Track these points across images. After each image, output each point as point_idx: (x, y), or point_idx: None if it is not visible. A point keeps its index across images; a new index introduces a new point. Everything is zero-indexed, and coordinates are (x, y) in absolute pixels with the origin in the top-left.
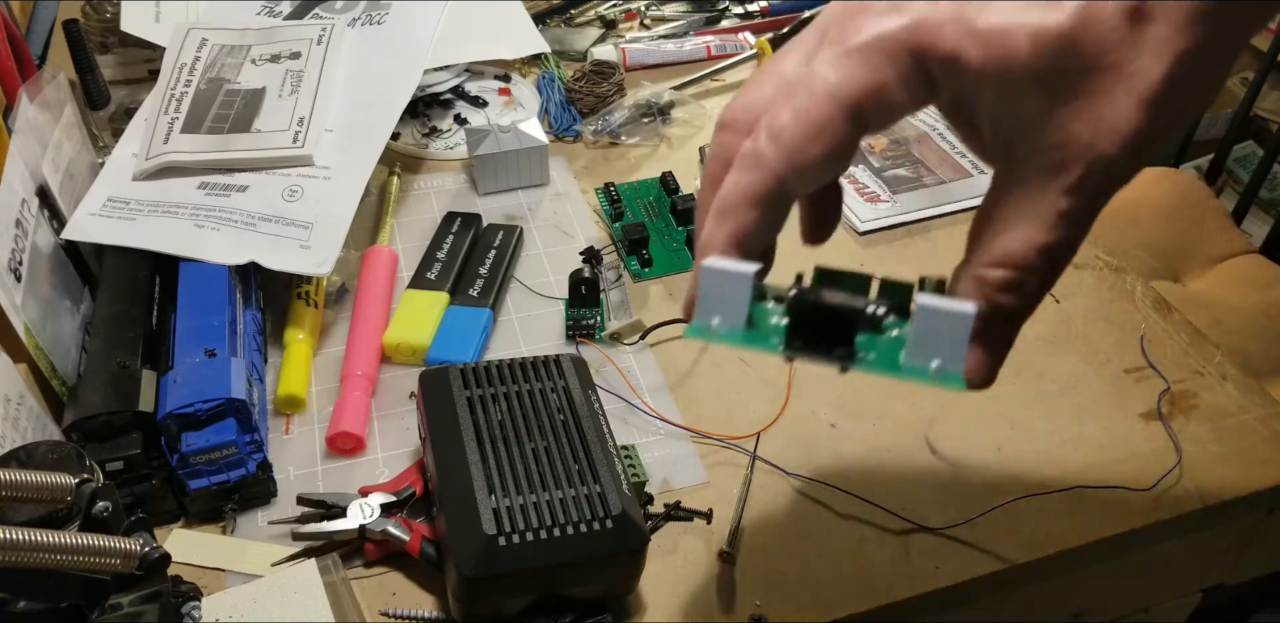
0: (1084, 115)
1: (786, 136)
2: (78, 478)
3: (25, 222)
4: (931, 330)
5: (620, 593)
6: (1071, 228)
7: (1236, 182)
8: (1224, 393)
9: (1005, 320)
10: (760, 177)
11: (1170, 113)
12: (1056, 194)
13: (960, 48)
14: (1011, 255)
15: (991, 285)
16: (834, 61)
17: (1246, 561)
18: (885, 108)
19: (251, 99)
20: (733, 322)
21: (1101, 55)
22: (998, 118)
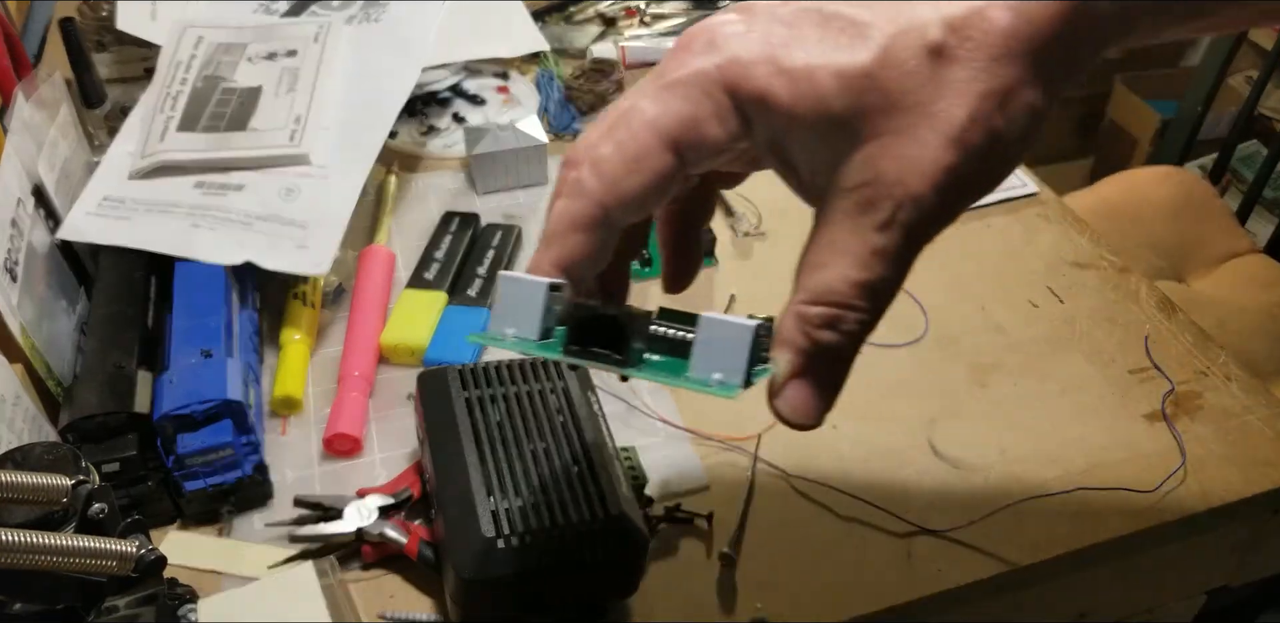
0: (892, 153)
1: (606, 167)
2: (73, 480)
3: (21, 221)
4: (714, 343)
5: (620, 596)
6: (888, 265)
7: (1241, 181)
8: (1229, 394)
9: (829, 359)
10: (582, 204)
11: (980, 153)
12: (870, 231)
13: (769, 87)
14: (829, 292)
15: (811, 322)
16: (653, 95)
17: (1251, 562)
18: (702, 142)
19: (248, 97)
20: (526, 332)
21: (905, 94)
22: (810, 156)
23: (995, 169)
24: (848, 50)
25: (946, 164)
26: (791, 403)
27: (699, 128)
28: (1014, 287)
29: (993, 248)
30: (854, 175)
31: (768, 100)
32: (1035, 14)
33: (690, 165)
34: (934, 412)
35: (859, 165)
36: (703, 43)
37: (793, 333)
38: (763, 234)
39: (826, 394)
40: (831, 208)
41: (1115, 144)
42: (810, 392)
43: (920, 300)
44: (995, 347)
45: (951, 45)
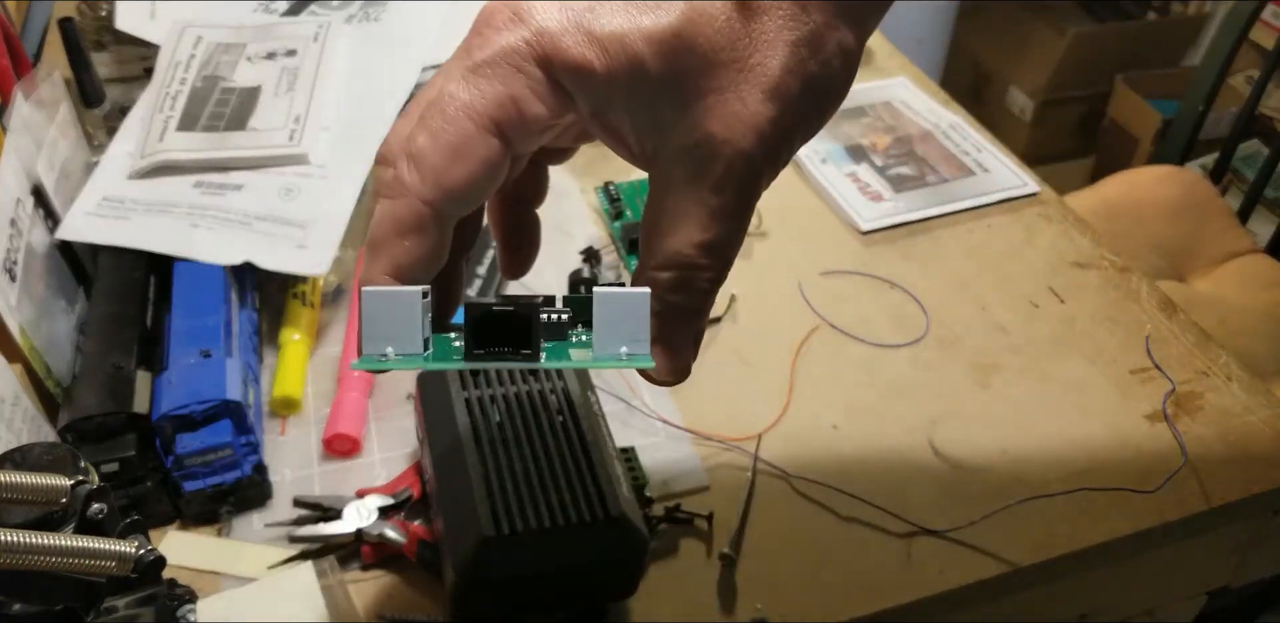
0: (715, 113)
1: (426, 161)
2: (72, 480)
3: (20, 221)
4: (613, 317)
5: (620, 596)
6: (726, 224)
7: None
8: (1230, 394)
9: (682, 319)
10: (405, 204)
11: (799, 102)
12: (706, 193)
13: (583, 56)
14: (675, 256)
15: (662, 286)
16: (463, 79)
17: (1252, 562)
18: (525, 121)
19: (247, 97)
20: (409, 348)
21: (717, 51)
22: (637, 123)
23: (817, 113)
24: (653, 12)
25: (770, 117)
26: (657, 364)
27: (519, 107)
28: (1015, 287)
29: (993, 248)
30: (683, 138)
31: (583, 71)
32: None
33: (517, 147)
34: (935, 412)
35: (686, 128)
36: (505, 17)
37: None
38: (763, 234)
39: (688, 349)
40: (665, 172)
41: (1116, 144)
42: (674, 351)
43: (921, 301)
44: (996, 347)
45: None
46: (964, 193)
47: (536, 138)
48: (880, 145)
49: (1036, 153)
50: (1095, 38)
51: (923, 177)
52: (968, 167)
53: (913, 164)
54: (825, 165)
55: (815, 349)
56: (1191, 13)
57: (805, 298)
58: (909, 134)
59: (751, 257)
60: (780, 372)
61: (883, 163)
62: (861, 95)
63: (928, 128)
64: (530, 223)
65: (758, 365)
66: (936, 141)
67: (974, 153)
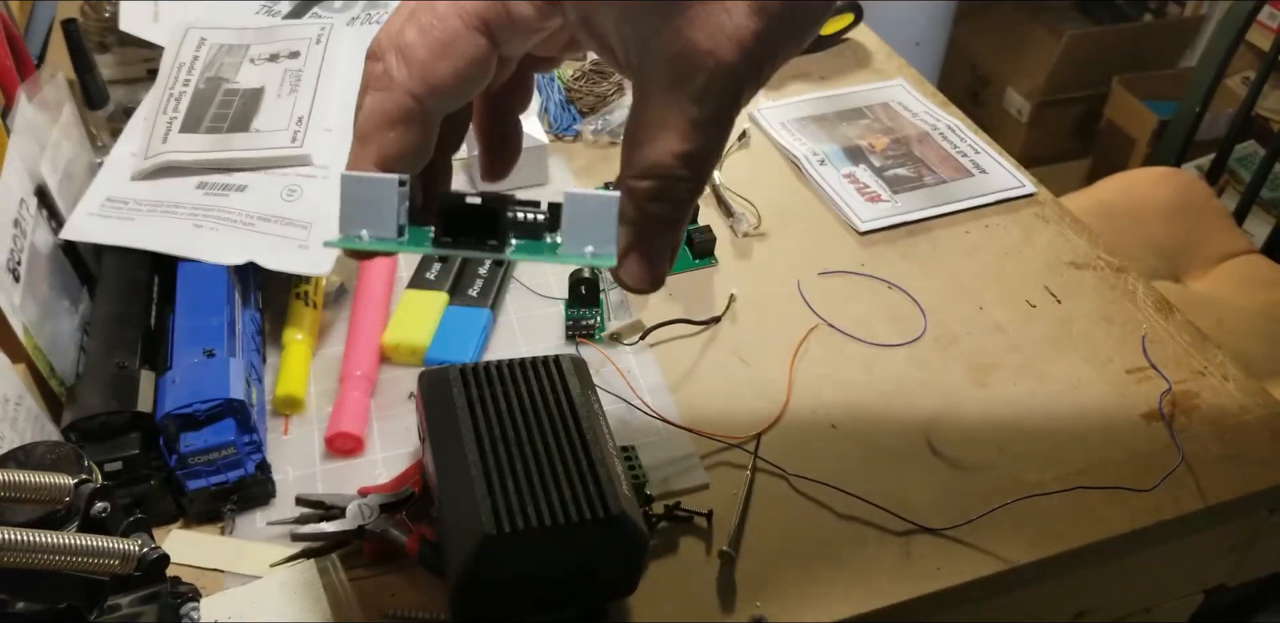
0: (700, 24)
1: (415, 55)
2: (76, 479)
3: (24, 221)
4: (581, 217)
5: (620, 594)
6: (706, 134)
7: (1238, 181)
8: (1226, 394)
9: (661, 228)
10: (393, 96)
11: (783, 18)
12: (687, 103)
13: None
14: (655, 166)
15: (641, 195)
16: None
17: (1248, 561)
18: (512, 22)
19: (250, 98)
20: (383, 232)
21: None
22: (622, 31)
23: (801, 28)
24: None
25: (754, 30)
26: (634, 273)
27: (507, 8)
28: (1012, 287)
29: (991, 248)
30: (667, 48)
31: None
32: None
33: (504, 47)
34: (932, 411)
35: (671, 38)
36: None
37: (625, 207)
38: (762, 235)
39: (664, 259)
40: (648, 82)
41: (1113, 145)
42: (650, 260)
43: (919, 301)
44: (994, 347)
45: None
46: (961, 194)
47: (524, 40)
48: (878, 146)
49: (1034, 154)
50: (1092, 39)
51: (920, 177)
52: (965, 168)
53: (910, 165)
54: (824, 166)
55: (814, 349)
56: (1188, 14)
57: (804, 298)
58: (907, 135)
59: (750, 257)
60: (779, 371)
61: (881, 164)
62: (860, 97)
63: (925, 129)
64: (512, 128)
65: (757, 365)
66: (934, 143)
67: (971, 154)
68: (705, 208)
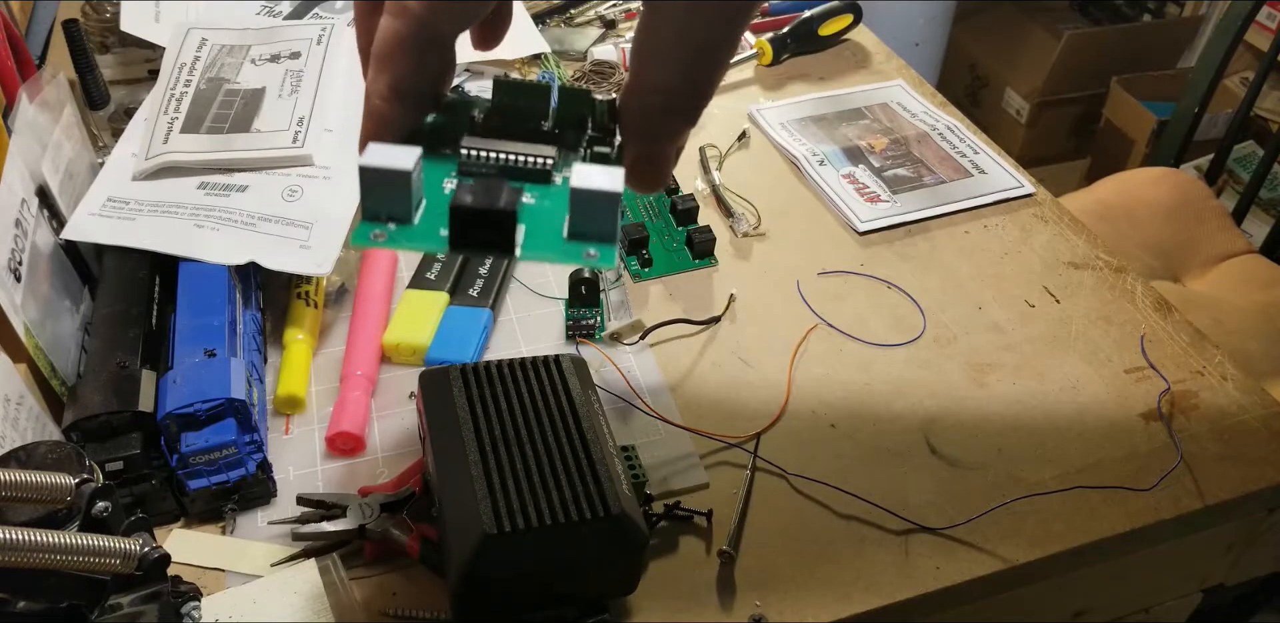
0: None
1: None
2: (77, 478)
3: (25, 222)
4: (585, 210)
5: (620, 593)
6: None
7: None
8: (1224, 393)
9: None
10: (406, 22)
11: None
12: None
13: None
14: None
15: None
16: None
17: (1247, 561)
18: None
19: (251, 99)
20: (400, 216)
21: None
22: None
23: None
24: None
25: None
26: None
27: None
28: (1011, 287)
29: (989, 248)
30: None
31: None
32: None
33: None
34: (932, 411)
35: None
36: None
37: (633, 121)
38: (762, 235)
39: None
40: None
41: (1111, 145)
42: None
43: (918, 300)
44: (992, 346)
45: None
46: (960, 194)
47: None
48: (878, 147)
49: (1032, 154)
50: (1091, 40)
51: (920, 178)
52: (964, 168)
53: (910, 165)
54: (823, 167)
55: (813, 348)
56: (1187, 15)
57: (803, 298)
58: (906, 136)
59: (750, 257)
60: (779, 371)
61: (880, 164)
62: (859, 97)
63: (924, 129)
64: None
65: (756, 365)
66: (933, 143)
67: (970, 154)
68: (705, 208)
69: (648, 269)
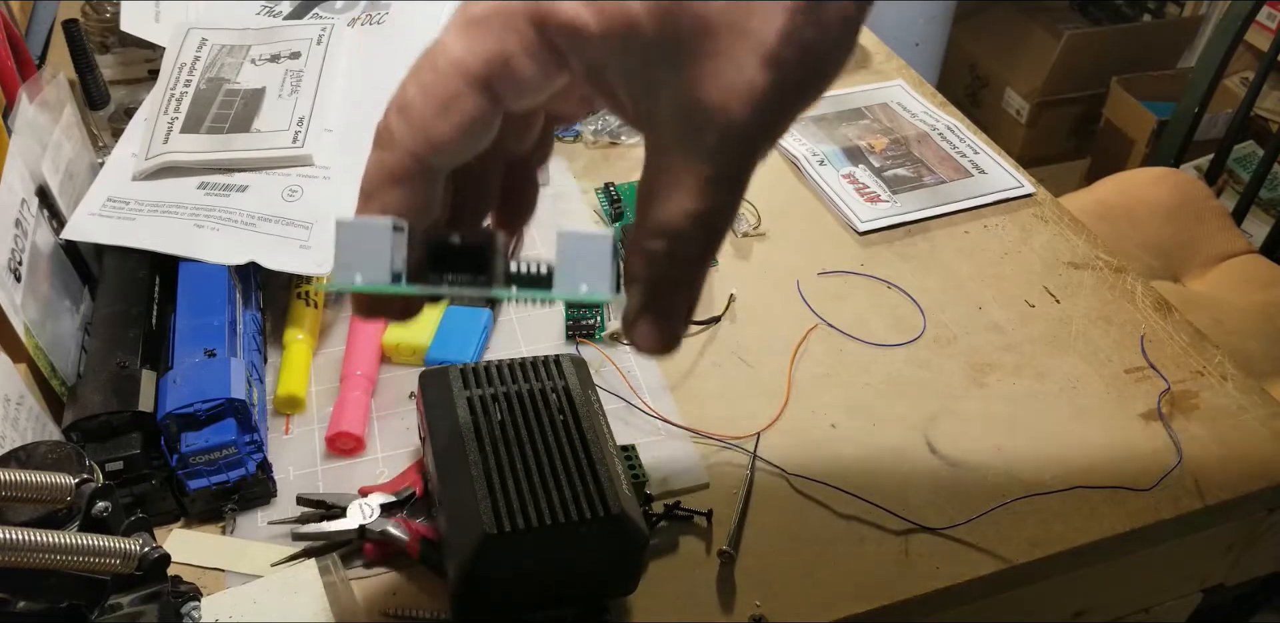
0: (710, 77)
1: (414, 112)
2: (77, 478)
3: (25, 222)
4: (575, 256)
5: (620, 593)
6: (719, 194)
7: (1237, 181)
8: (1224, 393)
9: (673, 288)
10: (394, 155)
11: (797, 70)
12: (698, 160)
13: (577, 16)
14: (666, 224)
15: (655, 256)
16: (456, 34)
17: (1247, 561)
18: (516, 80)
19: (251, 99)
20: (376, 277)
21: (713, 14)
22: (633, 86)
23: (815, 82)
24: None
25: (765, 83)
26: (646, 336)
27: (510, 66)
28: (1011, 287)
29: (990, 248)
30: (676, 103)
31: (578, 31)
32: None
33: (508, 104)
34: (932, 411)
35: (680, 93)
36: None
37: (638, 268)
38: (763, 234)
39: (675, 323)
40: (660, 136)
41: (1111, 145)
42: (660, 322)
43: (918, 300)
44: (992, 346)
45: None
46: (960, 194)
47: (530, 96)
48: (878, 147)
49: (1032, 154)
50: (1091, 40)
51: (920, 178)
52: (964, 168)
53: (910, 165)
54: (823, 167)
55: (813, 349)
56: (1187, 15)
57: (803, 298)
58: (906, 136)
59: (750, 257)
60: (779, 371)
61: (880, 164)
62: (859, 97)
63: (924, 129)
64: (528, 182)
65: (756, 365)
66: (933, 143)
67: (970, 154)
68: None
69: None
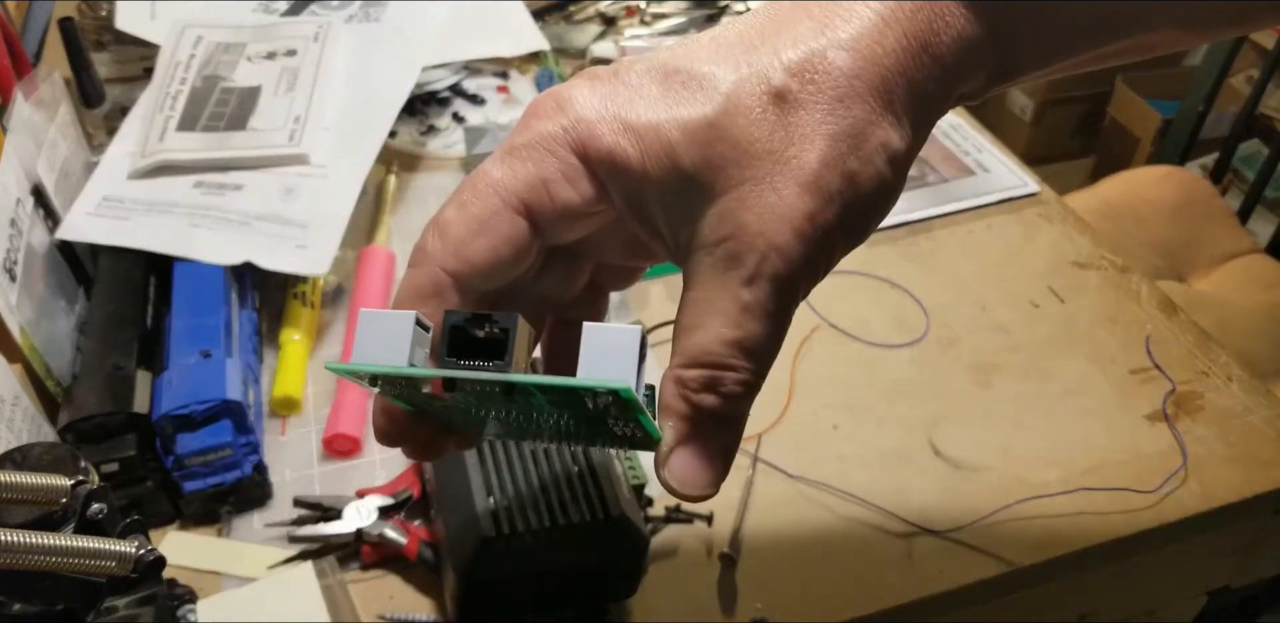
0: (749, 204)
1: (450, 231)
2: (73, 480)
3: (20, 221)
4: (600, 350)
5: (621, 596)
6: (761, 321)
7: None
8: (1230, 394)
9: (714, 423)
10: (425, 271)
11: (839, 199)
12: (738, 287)
13: (616, 145)
14: (705, 354)
15: (690, 386)
16: (499, 159)
17: (1252, 562)
18: (555, 205)
19: (247, 97)
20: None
21: (754, 142)
22: (670, 214)
23: (859, 215)
24: (690, 103)
25: (806, 211)
26: (679, 473)
27: (549, 190)
28: (1015, 287)
29: (993, 248)
30: (715, 230)
31: (616, 159)
32: (875, 53)
33: (547, 232)
34: (935, 412)
35: (719, 219)
36: (549, 107)
37: (673, 399)
38: None
39: (717, 461)
40: (698, 265)
41: (1116, 144)
42: (699, 460)
43: (921, 301)
44: (996, 347)
45: (794, 89)
46: (964, 193)
47: (568, 226)
48: None
49: (1037, 153)
50: None
51: (923, 176)
52: (968, 167)
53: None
54: None
55: (816, 349)
56: None
57: None
58: None
59: None
60: (781, 371)
61: None
62: None
63: None
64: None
65: None
66: (937, 142)
67: (974, 153)
68: None
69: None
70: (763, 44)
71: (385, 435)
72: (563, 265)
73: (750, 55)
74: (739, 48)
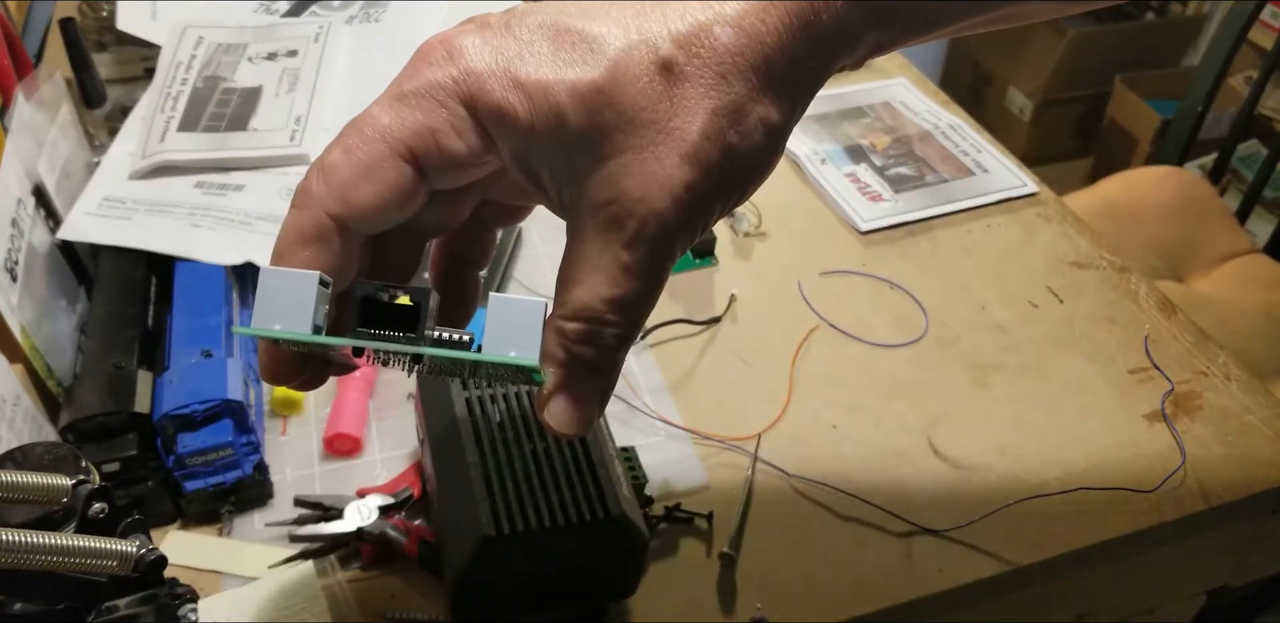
0: (632, 170)
1: (335, 175)
2: (74, 479)
3: (21, 221)
4: (505, 321)
5: (620, 596)
6: (637, 281)
7: (1241, 181)
8: (1228, 394)
9: (588, 372)
10: (309, 214)
11: (718, 170)
12: (617, 248)
13: (505, 102)
14: (584, 309)
15: (569, 337)
16: (386, 104)
17: (1251, 562)
18: (443, 155)
19: (248, 97)
20: (297, 328)
21: (639, 111)
22: (556, 173)
23: (736, 183)
24: (579, 65)
25: (685, 181)
26: (556, 415)
27: (437, 139)
28: (1014, 287)
29: (992, 248)
30: (599, 193)
31: (505, 116)
32: (758, 31)
33: (433, 179)
34: (934, 412)
35: (603, 183)
36: (439, 54)
37: (554, 348)
38: (763, 234)
39: (590, 405)
40: (581, 224)
41: (1115, 144)
42: (574, 403)
43: (920, 300)
44: (995, 347)
45: (680, 61)
46: (963, 193)
47: (454, 174)
48: (880, 146)
49: (1035, 153)
50: (1094, 38)
51: (922, 177)
52: (967, 167)
53: (912, 164)
54: (825, 166)
55: (815, 349)
56: (1190, 13)
57: (805, 298)
58: (908, 134)
59: (751, 257)
60: (780, 371)
61: (882, 163)
62: (861, 96)
63: (927, 128)
64: (470, 282)
65: (757, 365)
66: (936, 142)
67: (973, 153)
68: None
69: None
70: (653, 10)
71: (273, 375)
72: (446, 201)
73: (640, 20)
74: (630, 11)
